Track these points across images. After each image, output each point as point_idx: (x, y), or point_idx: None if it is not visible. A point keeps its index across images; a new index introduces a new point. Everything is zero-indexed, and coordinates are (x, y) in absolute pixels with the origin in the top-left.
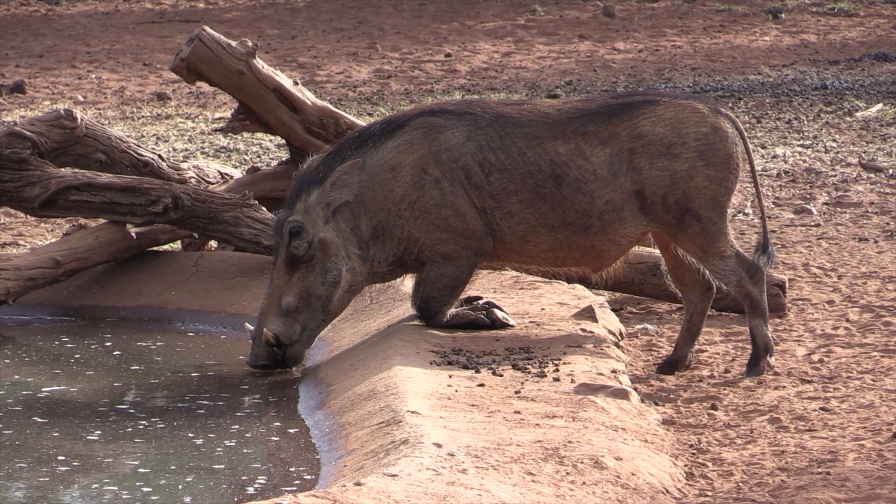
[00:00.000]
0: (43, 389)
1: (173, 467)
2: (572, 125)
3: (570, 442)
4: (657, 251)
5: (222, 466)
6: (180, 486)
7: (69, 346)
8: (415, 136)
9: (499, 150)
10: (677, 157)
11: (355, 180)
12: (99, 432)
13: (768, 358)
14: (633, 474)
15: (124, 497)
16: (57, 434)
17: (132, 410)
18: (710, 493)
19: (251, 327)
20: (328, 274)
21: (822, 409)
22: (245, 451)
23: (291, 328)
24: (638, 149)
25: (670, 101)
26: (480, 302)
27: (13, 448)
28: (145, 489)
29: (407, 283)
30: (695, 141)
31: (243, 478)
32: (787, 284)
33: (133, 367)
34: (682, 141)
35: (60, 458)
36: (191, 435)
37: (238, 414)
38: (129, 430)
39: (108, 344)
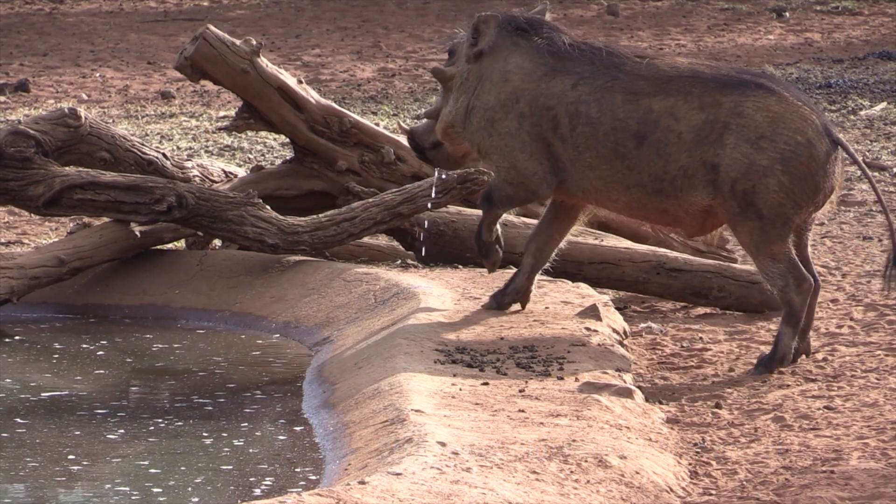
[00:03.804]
0: (46, 389)
1: (182, 468)
2: (680, 83)
3: (574, 440)
4: (660, 249)
5: (230, 467)
6: (189, 488)
7: (73, 344)
8: (536, 67)
9: (593, 104)
10: (761, 151)
11: (492, 32)
12: (104, 431)
13: (780, 367)
14: (638, 473)
15: (134, 497)
16: (64, 433)
17: (136, 410)
18: (714, 492)
19: None
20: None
21: (826, 407)
22: (251, 450)
23: None
24: (732, 125)
25: (786, 98)
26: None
27: (22, 447)
28: (155, 489)
29: (410, 281)
30: (784, 144)
31: (251, 479)
32: None
33: (137, 367)
34: (772, 137)
35: (70, 457)
36: (197, 434)
37: (243, 413)
38: (134, 428)
39: (113, 342)
